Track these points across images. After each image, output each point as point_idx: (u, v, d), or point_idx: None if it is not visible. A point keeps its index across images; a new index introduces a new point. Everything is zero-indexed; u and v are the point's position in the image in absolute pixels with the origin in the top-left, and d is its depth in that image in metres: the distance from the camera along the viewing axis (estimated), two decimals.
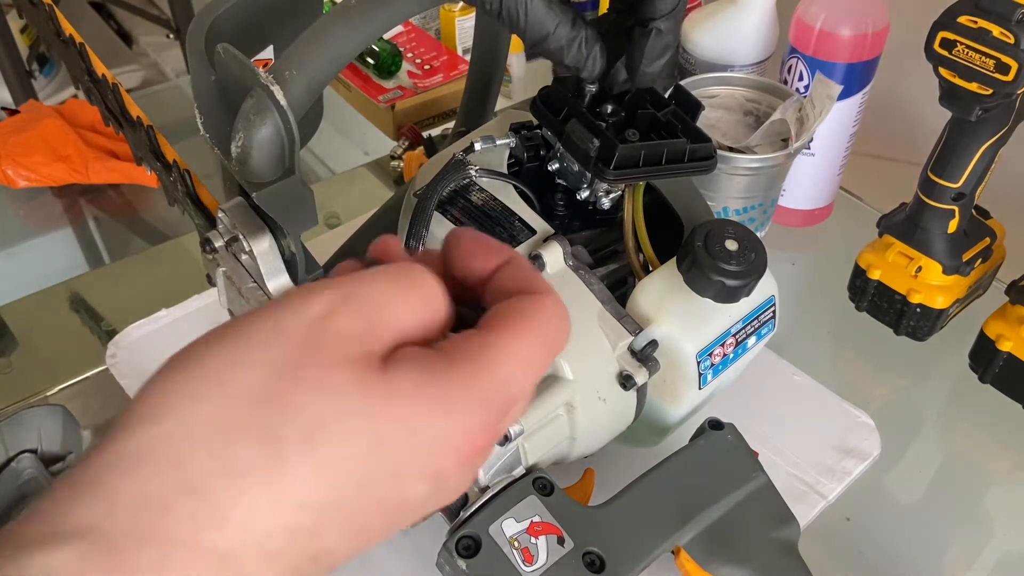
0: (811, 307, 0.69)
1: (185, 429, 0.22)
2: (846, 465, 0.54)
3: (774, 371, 0.60)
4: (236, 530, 0.21)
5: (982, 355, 0.60)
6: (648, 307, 0.45)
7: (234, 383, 0.22)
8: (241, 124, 0.40)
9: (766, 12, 0.70)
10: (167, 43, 1.62)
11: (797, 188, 0.71)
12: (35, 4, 0.60)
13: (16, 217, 0.82)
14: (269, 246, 0.43)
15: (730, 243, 0.43)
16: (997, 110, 0.54)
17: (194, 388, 0.22)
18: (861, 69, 0.65)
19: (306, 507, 0.22)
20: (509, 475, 0.42)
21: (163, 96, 1.26)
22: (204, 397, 0.22)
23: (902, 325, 0.63)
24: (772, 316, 0.48)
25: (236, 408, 0.22)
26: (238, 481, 0.21)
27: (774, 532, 0.43)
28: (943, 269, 0.60)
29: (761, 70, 0.72)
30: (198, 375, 0.22)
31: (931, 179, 0.58)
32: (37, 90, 1.47)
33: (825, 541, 0.53)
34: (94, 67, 0.55)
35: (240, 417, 0.22)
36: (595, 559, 0.39)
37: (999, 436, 0.60)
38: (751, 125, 0.64)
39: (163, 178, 0.53)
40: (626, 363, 0.44)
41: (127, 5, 1.66)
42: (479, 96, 0.62)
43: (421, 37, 0.89)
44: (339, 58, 0.42)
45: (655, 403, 0.47)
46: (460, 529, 0.39)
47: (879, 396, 0.63)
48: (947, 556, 0.54)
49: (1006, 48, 0.49)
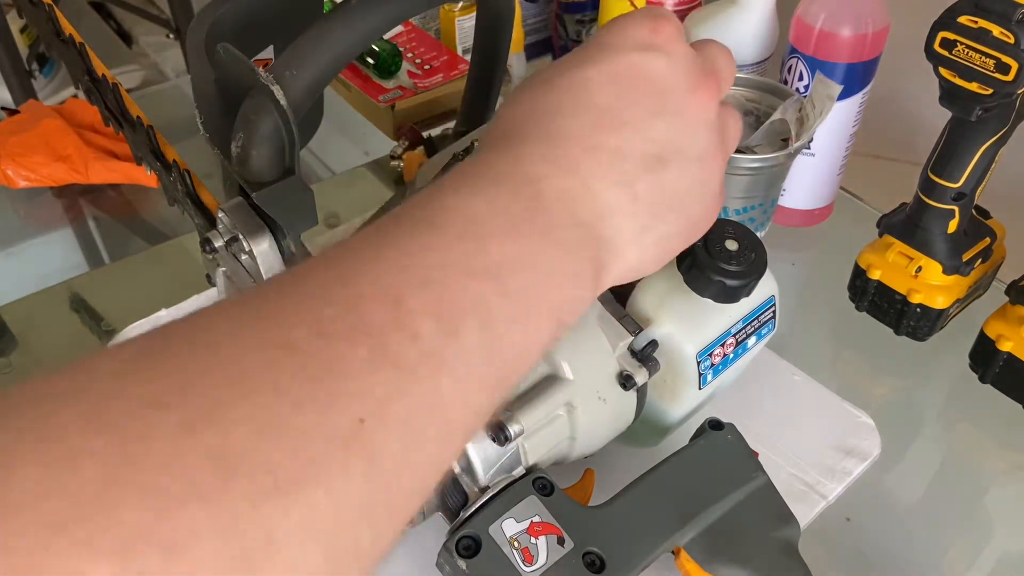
0: (811, 307, 0.69)
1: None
2: (846, 465, 0.54)
3: (774, 371, 0.60)
4: (621, 143, 0.33)
5: (982, 355, 0.60)
6: (648, 307, 0.45)
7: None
8: (241, 124, 0.40)
9: (766, 12, 0.70)
10: (167, 43, 1.62)
11: (797, 188, 0.71)
12: (35, 4, 0.60)
13: (16, 217, 0.82)
14: (269, 246, 0.43)
15: (730, 243, 0.43)
16: (997, 110, 0.54)
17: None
18: (861, 69, 0.65)
19: (654, 141, 0.33)
20: (509, 475, 0.42)
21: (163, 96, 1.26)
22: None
23: (902, 325, 0.63)
24: (772, 316, 0.48)
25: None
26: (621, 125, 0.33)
27: (774, 532, 0.43)
28: (943, 269, 0.60)
29: (761, 70, 0.72)
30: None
31: (931, 179, 0.58)
32: (37, 90, 1.47)
33: (825, 541, 0.53)
34: (94, 67, 0.55)
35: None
36: (595, 559, 0.39)
37: (999, 436, 0.60)
38: (751, 125, 0.64)
39: (163, 178, 0.53)
40: (626, 363, 0.44)
41: (127, 5, 1.66)
42: (480, 96, 0.62)
43: (421, 37, 0.89)
44: (339, 58, 0.42)
45: (655, 403, 0.47)
46: (460, 529, 0.39)
47: (879, 396, 0.63)
48: (947, 556, 0.54)
49: (1006, 48, 0.49)
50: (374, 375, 0.23)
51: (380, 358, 0.24)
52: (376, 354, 0.24)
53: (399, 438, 0.23)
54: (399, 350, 0.24)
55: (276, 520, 0.20)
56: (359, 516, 0.22)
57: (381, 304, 0.25)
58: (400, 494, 0.24)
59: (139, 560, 0.18)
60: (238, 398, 0.21)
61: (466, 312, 0.26)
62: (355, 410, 0.22)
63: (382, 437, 0.23)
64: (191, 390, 0.21)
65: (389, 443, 0.23)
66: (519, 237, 0.29)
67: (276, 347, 0.23)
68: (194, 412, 0.20)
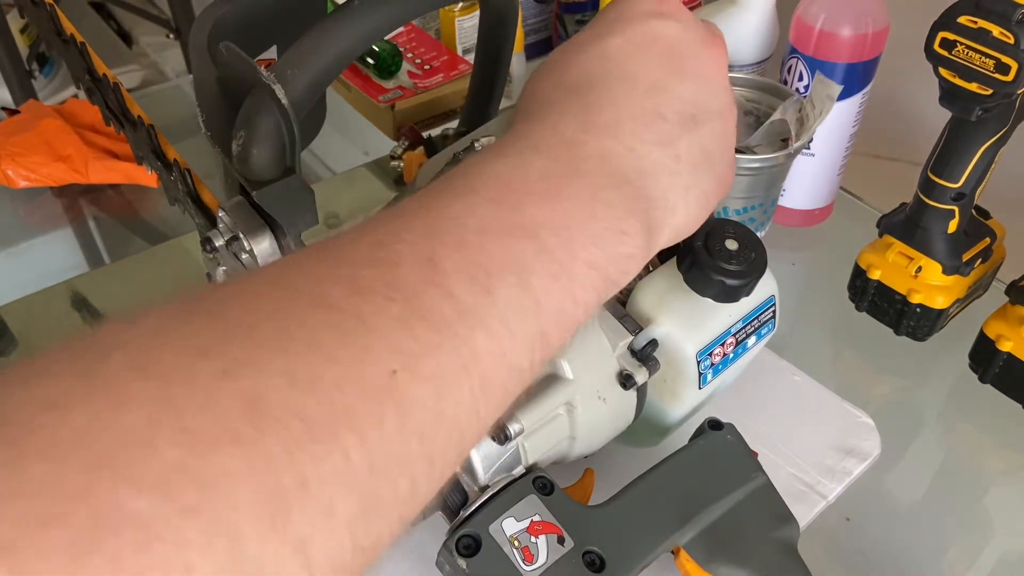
0: (811, 307, 0.69)
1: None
2: (846, 465, 0.54)
3: (774, 371, 0.60)
4: (658, 106, 0.34)
5: (982, 355, 0.60)
6: (648, 307, 0.45)
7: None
8: (242, 123, 0.40)
9: (766, 12, 0.70)
10: (167, 43, 1.63)
11: (797, 188, 0.71)
12: (36, 3, 0.60)
13: (16, 217, 0.82)
14: (269, 245, 0.43)
15: (730, 243, 0.43)
16: (997, 110, 0.54)
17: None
18: (861, 69, 0.65)
19: (686, 102, 0.35)
20: (509, 474, 0.42)
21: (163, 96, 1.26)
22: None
23: (902, 325, 0.63)
24: (772, 316, 0.48)
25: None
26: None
27: (774, 532, 0.43)
28: (943, 269, 0.60)
29: (761, 70, 0.72)
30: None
31: (931, 179, 0.58)
32: (37, 90, 1.47)
33: (825, 541, 0.53)
34: (95, 66, 0.55)
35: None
36: (595, 558, 0.39)
37: (999, 436, 0.60)
38: (751, 125, 0.64)
39: (164, 177, 0.53)
40: (626, 363, 0.44)
41: (127, 5, 1.66)
42: (483, 96, 0.62)
43: (421, 37, 0.89)
44: (341, 58, 0.42)
45: (655, 403, 0.47)
46: (460, 528, 0.39)
47: (879, 396, 0.63)
48: (947, 556, 0.54)
49: (1006, 48, 0.49)
50: (407, 331, 0.24)
51: (414, 315, 0.24)
52: (410, 311, 0.24)
53: (433, 392, 0.24)
54: (433, 307, 0.25)
55: (309, 465, 0.21)
56: (395, 465, 0.23)
57: (417, 265, 0.26)
58: (438, 446, 0.24)
59: (176, 494, 0.19)
60: (275, 351, 0.22)
61: (503, 271, 0.27)
62: (387, 364, 0.23)
63: (415, 390, 0.24)
64: (230, 341, 0.22)
65: (423, 396, 0.24)
66: (559, 198, 0.30)
67: (313, 303, 0.24)
68: (232, 361, 0.21)
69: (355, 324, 0.24)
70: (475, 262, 0.26)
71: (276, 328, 0.23)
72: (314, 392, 0.22)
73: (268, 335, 0.22)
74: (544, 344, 0.28)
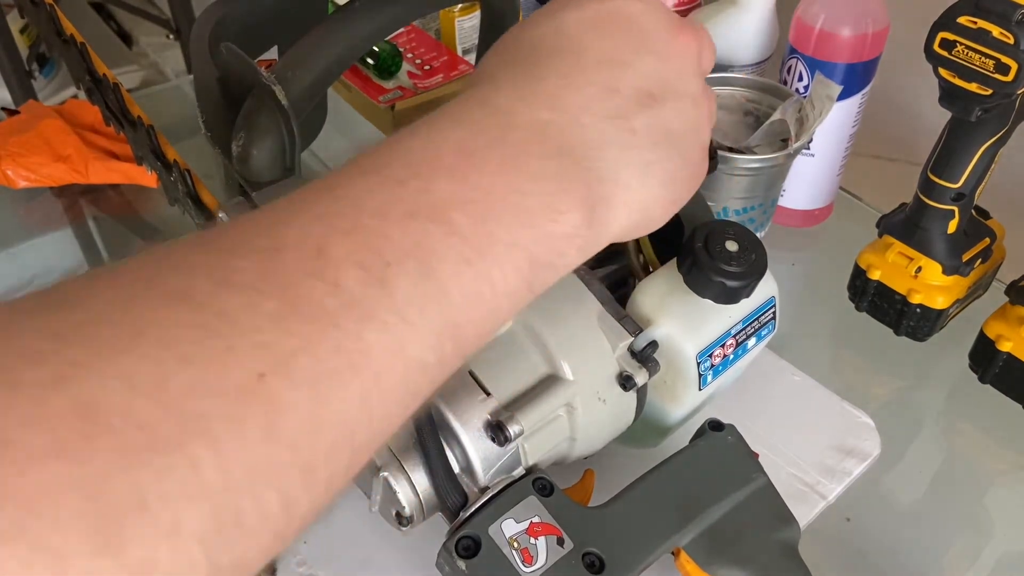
0: (811, 307, 0.69)
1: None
2: (846, 465, 0.54)
3: (774, 371, 0.60)
4: (611, 78, 0.31)
5: (982, 355, 0.60)
6: (648, 308, 0.45)
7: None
8: (243, 123, 0.40)
9: (766, 12, 0.70)
10: (167, 43, 1.62)
11: (797, 188, 0.71)
12: (36, 4, 0.60)
13: (16, 217, 0.82)
14: None
15: (730, 244, 0.43)
16: (997, 110, 0.54)
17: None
18: (861, 69, 0.65)
19: (645, 76, 0.32)
20: (509, 475, 0.42)
21: (163, 96, 1.26)
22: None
23: (902, 325, 0.63)
24: (772, 317, 0.48)
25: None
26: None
27: (774, 533, 0.43)
28: (943, 269, 0.60)
29: (761, 70, 0.72)
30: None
31: (931, 179, 0.58)
32: (37, 90, 1.47)
33: (825, 541, 0.53)
34: (95, 67, 0.55)
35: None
36: (595, 560, 0.39)
37: (999, 436, 0.60)
38: (751, 125, 0.64)
39: (163, 178, 0.53)
40: (626, 364, 0.44)
41: (127, 5, 1.66)
42: None
43: (421, 37, 0.89)
44: (341, 60, 0.42)
45: (655, 404, 0.47)
46: (460, 529, 0.39)
47: (879, 396, 0.63)
48: (947, 556, 0.54)
49: (1006, 48, 0.49)
50: (281, 328, 0.22)
51: (290, 310, 0.22)
52: (286, 305, 0.22)
53: (310, 395, 0.22)
54: (313, 300, 0.22)
55: (149, 480, 0.19)
56: (260, 478, 0.21)
57: (301, 254, 0.23)
58: (319, 454, 0.22)
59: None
60: (119, 351, 0.20)
61: (402, 258, 0.24)
62: (254, 365, 0.21)
63: (287, 394, 0.21)
64: (71, 340, 0.20)
65: (297, 400, 0.21)
66: (476, 173, 0.27)
67: (172, 297, 0.21)
68: (68, 364, 0.19)
69: (217, 321, 0.21)
70: (370, 248, 0.24)
71: (125, 325, 0.20)
72: (159, 398, 0.20)
73: (115, 333, 0.20)
74: (457, 336, 0.25)
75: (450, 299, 0.25)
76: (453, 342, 0.25)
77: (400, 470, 0.41)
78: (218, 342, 0.21)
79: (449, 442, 0.41)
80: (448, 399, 0.41)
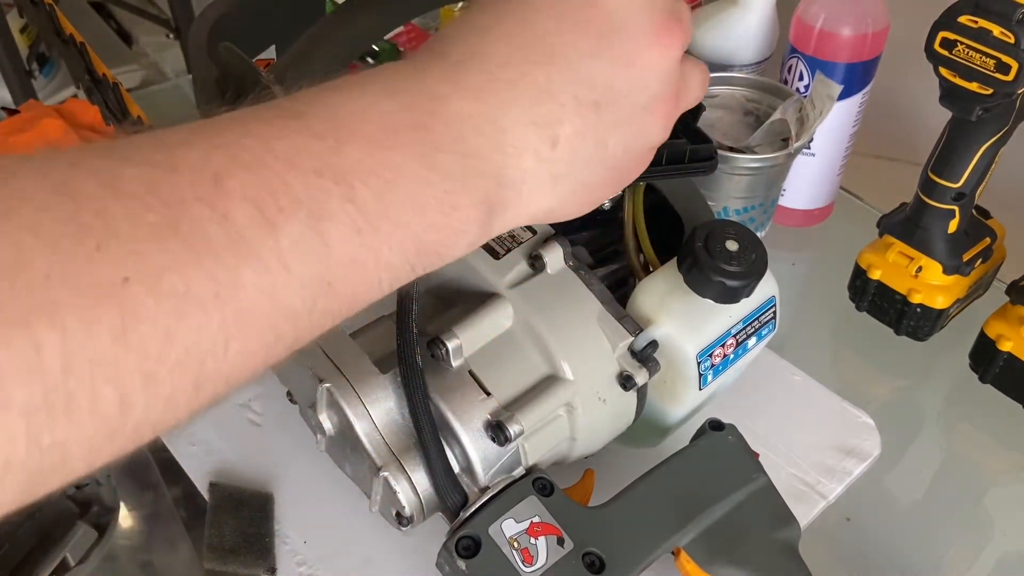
0: (811, 307, 0.69)
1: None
2: (846, 465, 0.54)
3: (774, 371, 0.60)
4: (549, 80, 0.30)
5: (982, 355, 0.60)
6: (648, 307, 0.45)
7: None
8: None
9: (766, 12, 0.70)
10: (167, 43, 1.62)
11: (797, 188, 0.71)
12: (36, 4, 0.60)
13: None
14: None
15: (731, 243, 0.43)
16: (997, 110, 0.54)
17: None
18: (861, 69, 0.65)
19: (591, 83, 0.31)
20: (509, 475, 0.42)
21: (162, 96, 1.26)
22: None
23: (902, 325, 0.63)
24: (773, 316, 0.48)
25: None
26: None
27: (775, 533, 0.43)
28: (943, 269, 0.60)
29: (761, 70, 0.72)
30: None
31: (931, 179, 0.58)
32: (37, 90, 1.46)
33: (825, 541, 0.53)
34: (95, 66, 0.55)
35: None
36: (595, 560, 0.39)
37: (999, 436, 0.60)
38: (751, 125, 0.64)
39: None
40: (626, 364, 0.44)
41: (127, 5, 1.66)
42: None
43: (421, 37, 0.89)
44: (341, 58, 0.42)
45: (655, 404, 0.47)
46: (460, 529, 0.39)
47: (879, 396, 0.63)
48: (947, 556, 0.54)
49: (1006, 48, 0.49)
50: (158, 243, 0.22)
51: (171, 229, 0.22)
52: (168, 223, 0.22)
53: (169, 310, 0.22)
54: (199, 226, 0.23)
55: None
56: (101, 372, 0.21)
57: (196, 177, 0.23)
58: (165, 366, 0.22)
59: None
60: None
61: (295, 208, 0.24)
62: (121, 269, 0.21)
63: (147, 303, 0.21)
64: None
65: (155, 312, 0.22)
66: (390, 149, 0.27)
67: (55, 190, 0.21)
68: None
69: (93, 220, 0.21)
70: (268, 189, 0.24)
71: (6, 209, 0.21)
72: (15, 278, 0.20)
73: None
74: (330, 295, 0.26)
75: (332, 259, 0.25)
76: (326, 299, 0.26)
77: (400, 470, 0.41)
78: (88, 239, 0.21)
79: (449, 442, 0.41)
80: (448, 399, 0.41)
